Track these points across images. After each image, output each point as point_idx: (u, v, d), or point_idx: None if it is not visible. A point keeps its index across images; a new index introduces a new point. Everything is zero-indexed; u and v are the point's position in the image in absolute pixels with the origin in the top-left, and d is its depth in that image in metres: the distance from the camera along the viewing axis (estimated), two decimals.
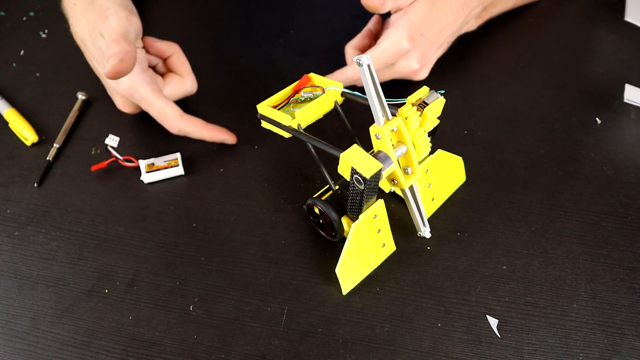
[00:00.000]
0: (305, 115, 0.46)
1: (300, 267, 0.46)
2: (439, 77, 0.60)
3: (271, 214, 0.50)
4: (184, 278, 0.46)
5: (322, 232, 0.48)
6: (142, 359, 0.41)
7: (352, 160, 0.39)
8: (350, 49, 0.60)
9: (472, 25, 0.63)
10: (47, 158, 0.55)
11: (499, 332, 0.42)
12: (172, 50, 0.57)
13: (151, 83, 0.52)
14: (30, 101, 0.62)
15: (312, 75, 0.50)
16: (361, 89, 0.54)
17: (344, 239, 0.43)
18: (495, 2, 0.65)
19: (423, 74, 0.59)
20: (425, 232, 0.46)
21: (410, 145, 0.42)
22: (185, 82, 0.56)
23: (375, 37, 0.61)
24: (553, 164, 0.53)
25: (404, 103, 0.42)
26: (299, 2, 0.75)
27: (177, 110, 0.53)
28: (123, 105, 0.56)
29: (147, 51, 0.56)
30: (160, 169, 0.53)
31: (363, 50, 0.60)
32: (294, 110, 0.47)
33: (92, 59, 0.56)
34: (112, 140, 0.51)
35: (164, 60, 0.58)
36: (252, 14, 0.73)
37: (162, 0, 0.76)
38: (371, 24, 0.62)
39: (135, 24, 0.52)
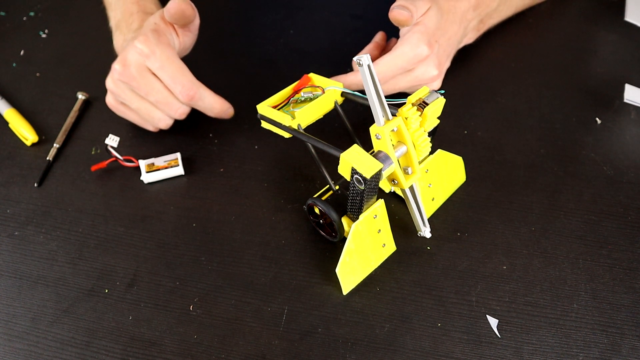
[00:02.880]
0: (305, 116, 0.46)
1: (300, 267, 0.46)
2: None
3: (271, 214, 0.50)
4: (184, 278, 0.46)
5: (322, 232, 0.48)
6: (142, 359, 0.41)
7: (353, 160, 0.39)
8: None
9: (470, 37, 0.63)
10: (47, 158, 0.55)
11: (499, 332, 0.42)
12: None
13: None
14: (30, 101, 0.62)
15: (312, 75, 0.50)
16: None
17: (344, 239, 0.43)
18: (492, 14, 0.64)
19: (438, 83, 0.57)
20: (425, 232, 0.46)
21: (411, 145, 0.42)
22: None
23: (382, 51, 0.61)
24: (553, 164, 0.53)
25: (404, 103, 0.42)
26: (299, 2, 0.74)
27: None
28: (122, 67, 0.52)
29: None
30: (160, 169, 0.53)
31: (372, 60, 0.59)
32: (294, 110, 0.47)
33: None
34: (112, 140, 0.51)
35: None
36: (252, 14, 0.73)
37: (163, 1, 0.75)
38: (378, 38, 0.61)
39: None
